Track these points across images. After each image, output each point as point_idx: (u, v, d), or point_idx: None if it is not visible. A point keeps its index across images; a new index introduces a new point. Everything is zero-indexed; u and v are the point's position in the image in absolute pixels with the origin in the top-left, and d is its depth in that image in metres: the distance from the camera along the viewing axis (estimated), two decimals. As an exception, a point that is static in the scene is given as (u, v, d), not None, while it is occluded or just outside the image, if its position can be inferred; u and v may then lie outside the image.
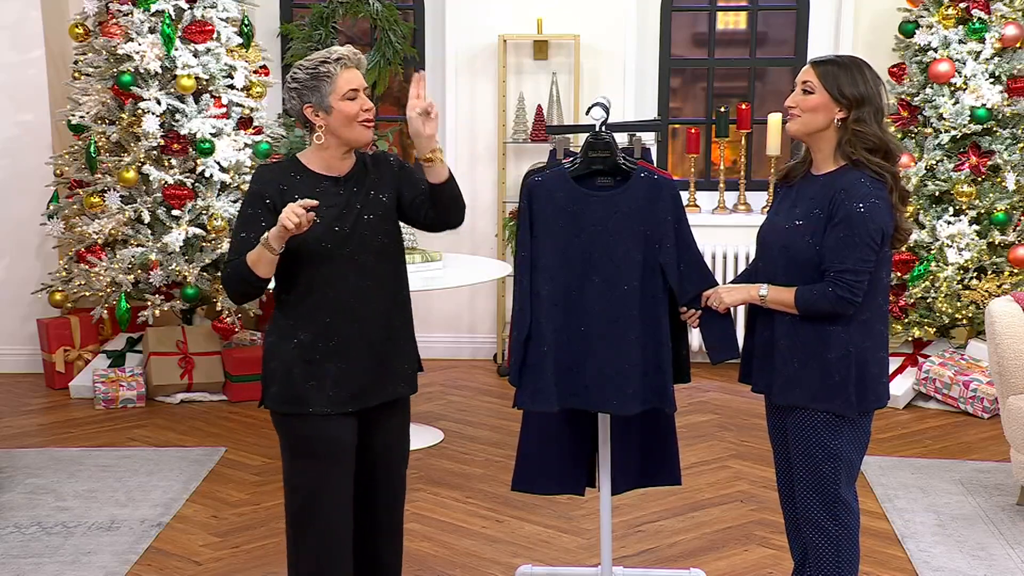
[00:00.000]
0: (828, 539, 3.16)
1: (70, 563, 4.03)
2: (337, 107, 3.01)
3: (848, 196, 3.01)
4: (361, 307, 3.07)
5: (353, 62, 3.05)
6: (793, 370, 3.11)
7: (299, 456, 3.12)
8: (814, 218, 3.07)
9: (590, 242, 3.33)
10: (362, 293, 3.07)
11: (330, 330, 3.05)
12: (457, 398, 6.14)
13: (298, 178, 3.07)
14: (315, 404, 3.06)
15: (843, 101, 3.06)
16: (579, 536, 4.32)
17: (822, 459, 3.12)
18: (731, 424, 5.69)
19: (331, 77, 3.00)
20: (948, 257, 5.83)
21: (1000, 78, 5.89)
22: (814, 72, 3.10)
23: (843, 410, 3.08)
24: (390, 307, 3.15)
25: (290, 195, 3.00)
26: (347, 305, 3.05)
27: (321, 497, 3.08)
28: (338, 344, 3.06)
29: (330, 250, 3.02)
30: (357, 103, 3.02)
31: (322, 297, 3.05)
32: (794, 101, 3.12)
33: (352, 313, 3.06)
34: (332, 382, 3.06)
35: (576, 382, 3.35)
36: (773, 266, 3.15)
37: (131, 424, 5.71)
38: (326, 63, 3.01)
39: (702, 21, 7.16)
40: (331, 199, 3.05)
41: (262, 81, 6.29)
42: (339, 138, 3.06)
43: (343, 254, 3.04)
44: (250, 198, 3.07)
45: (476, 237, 6.84)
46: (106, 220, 5.88)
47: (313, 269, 3.03)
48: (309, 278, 3.04)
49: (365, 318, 3.08)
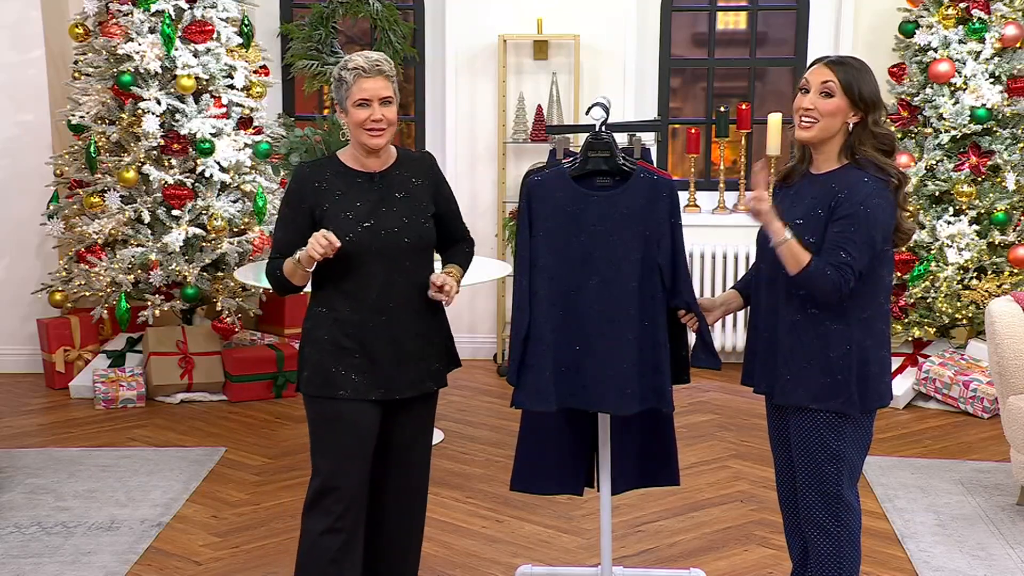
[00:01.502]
0: (830, 539, 3.16)
1: (70, 563, 4.03)
2: (350, 112, 3.16)
3: (851, 195, 2.99)
4: (388, 301, 3.19)
5: (370, 73, 3.13)
6: (795, 370, 3.10)
7: (321, 438, 3.24)
8: (815, 218, 3.05)
9: (589, 242, 3.33)
10: (390, 288, 3.19)
11: (357, 322, 3.18)
12: (457, 398, 6.14)
13: (334, 175, 3.22)
14: (341, 389, 3.18)
15: (860, 104, 3.03)
16: (579, 536, 4.32)
17: (824, 460, 3.12)
18: (731, 424, 5.69)
19: (347, 84, 3.14)
20: (948, 257, 5.83)
21: (1000, 78, 5.89)
22: (833, 74, 3.03)
23: (846, 409, 3.08)
24: (418, 303, 3.25)
25: (327, 193, 3.18)
26: (374, 298, 3.18)
27: (338, 478, 3.18)
28: (365, 335, 3.18)
29: (359, 245, 3.14)
30: (365, 112, 3.14)
31: (351, 289, 3.18)
32: (813, 103, 3.05)
33: (379, 307, 3.18)
34: (357, 371, 3.19)
35: (574, 382, 3.35)
36: (775, 266, 3.14)
37: (131, 424, 5.71)
38: (344, 70, 3.15)
39: (702, 21, 7.16)
40: (363, 195, 3.20)
41: (262, 81, 6.29)
42: (354, 138, 3.21)
43: (372, 249, 3.16)
44: (288, 197, 3.25)
45: (476, 237, 6.69)
46: (106, 220, 5.88)
47: (345, 262, 3.15)
48: (341, 270, 3.17)
49: (392, 312, 3.20)
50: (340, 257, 3.11)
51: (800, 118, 3.09)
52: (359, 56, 3.15)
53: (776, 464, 3.38)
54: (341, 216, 3.15)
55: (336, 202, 3.17)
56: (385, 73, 3.14)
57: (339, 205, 3.17)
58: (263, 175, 6.22)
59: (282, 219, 3.24)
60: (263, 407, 5.99)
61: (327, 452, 3.21)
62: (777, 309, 3.15)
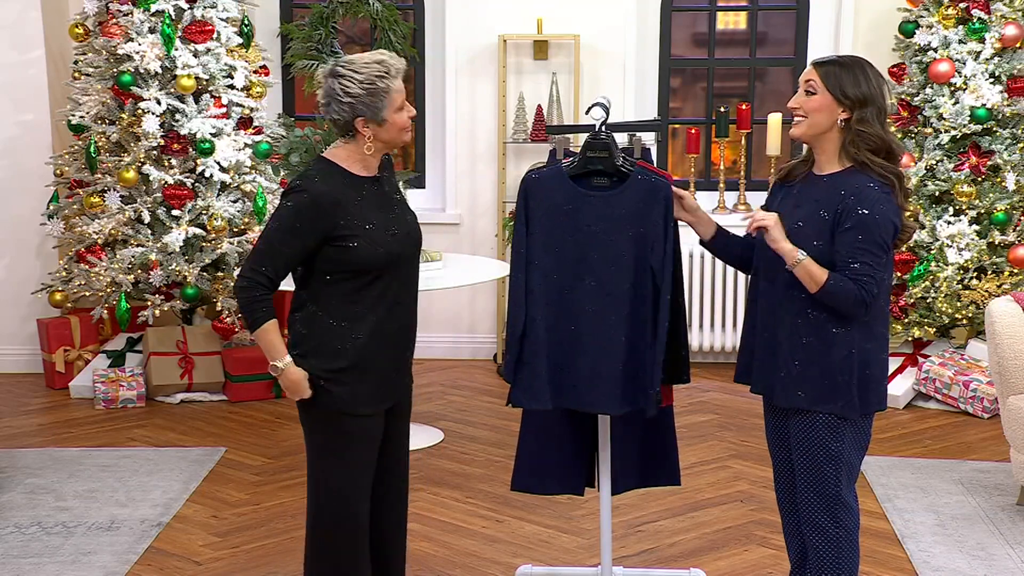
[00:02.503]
0: (828, 540, 3.16)
1: (70, 563, 4.03)
2: (391, 119, 3.05)
3: (859, 201, 2.99)
4: (405, 307, 3.19)
5: (403, 73, 3.09)
6: (796, 372, 3.10)
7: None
8: (819, 220, 3.05)
9: (585, 242, 3.33)
10: (402, 294, 3.17)
11: (385, 327, 3.13)
12: (457, 398, 6.14)
13: (346, 186, 3.07)
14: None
15: (846, 102, 3.04)
16: (579, 536, 4.32)
17: (824, 461, 3.12)
18: (731, 424, 5.69)
19: (388, 93, 3.03)
20: (948, 257, 5.83)
21: (1000, 78, 5.89)
22: (816, 73, 3.08)
23: (846, 412, 3.08)
24: (414, 312, 3.27)
25: (344, 206, 3.02)
26: (395, 307, 3.15)
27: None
28: (399, 342, 3.20)
29: (387, 255, 3.07)
30: (406, 112, 3.09)
31: (392, 298, 3.13)
32: (797, 102, 3.10)
33: (398, 315, 3.16)
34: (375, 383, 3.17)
35: (566, 381, 3.35)
36: (773, 265, 3.13)
37: (131, 424, 5.71)
38: (384, 78, 3.01)
39: (702, 21, 7.16)
40: (375, 201, 3.11)
41: (262, 81, 6.29)
42: (385, 143, 3.12)
43: (404, 255, 3.14)
44: (303, 212, 3.01)
45: (476, 237, 6.84)
46: (106, 220, 5.88)
47: (374, 274, 3.06)
48: (365, 282, 3.07)
49: (407, 316, 3.20)
50: (370, 269, 3.04)
51: (789, 115, 3.17)
52: (386, 61, 3.02)
53: (774, 465, 3.38)
54: (364, 227, 3.03)
55: (354, 214, 3.03)
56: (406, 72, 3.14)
57: (359, 216, 3.03)
58: (263, 175, 6.22)
59: (289, 232, 3.00)
60: (263, 407, 5.99)
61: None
62: (775, 310, 3.14)
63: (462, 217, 6.84)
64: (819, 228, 3.04)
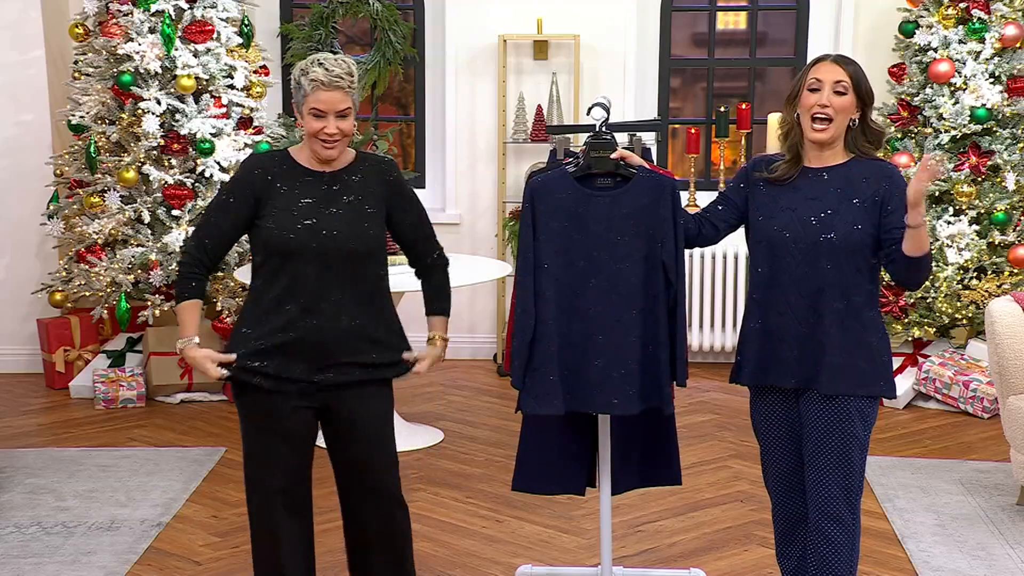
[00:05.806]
0: (846, 531, 3.15)
1: (70, 563, 4.03)
2: (306, 118, 3.11)
3: (893, 184, 3.08)
4: (319, 303, 3.11)
5: (327, 87, 3.04)
6: (842, 359, 3.11)
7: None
8: (854, 208, 3.08)
9: (593, 242, 3.32)
10: (322, 290, 3.11)
11: (288, 319, 3.11)
12: (457, 398, 6.14)
13: (283, 170, 3.16)
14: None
15: (865, 100, 3.13)
16: (579, 536, 4.32)
17: (855, 449, 3.13)
18: (731, 424, 5.69)
19: (304, 91, 3.08)
20: (948, 257, 5.83)
21: (1000, 78, 5.89)
22: (845, 72, 3.11)
23: (886, 393, 3.15)
24: (355, 312, 3.15)
25: (274, 186, 3.12)
26: (305, 298, 3.10)
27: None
28: (294, 335, 3.11)
29: (296, 243, 3.09)
30: (319, 123, 3.07)
31: (285, 286, 3.11)
32: (829, 100, 3.09)
33: (308, 307, 3.11)
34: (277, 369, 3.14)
35: (578, 383, 3.34)
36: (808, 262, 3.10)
37: (131, 424, 5.71)
38: (304, 76, 3.07)
39: (702, 21, 7.16)
40: (309, 193, 3.14)
41: (262, 81, 6.29)
42: (307, 144, 3.17)
43: (310, 249, 3.10)
44: (234, 183, 3.18)
45: (476, 237, 6.84)
46: (106, 220, 5.88)
47: (281, 259, 3.10)
48: (276, 266, 3.12)
49: (322, 313, 3.11)
50: (277, 253, 3.09)
51: (814, 117, 3.11)
52: (319, 67, 3.05)
53: (779, 462, 3.34)
54: (283, 211, 3.09)
55: (281, 196, 3.11)
56: (344, 89, 3.05)
57: (283, 200, 3.10)
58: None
59: (221, 204, 3.16)
60: (263, 407, 5.98)
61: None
62: (815, 305, 3.12)
63: (462, 217, 6.83)
64: (855, 215, 3.08)
